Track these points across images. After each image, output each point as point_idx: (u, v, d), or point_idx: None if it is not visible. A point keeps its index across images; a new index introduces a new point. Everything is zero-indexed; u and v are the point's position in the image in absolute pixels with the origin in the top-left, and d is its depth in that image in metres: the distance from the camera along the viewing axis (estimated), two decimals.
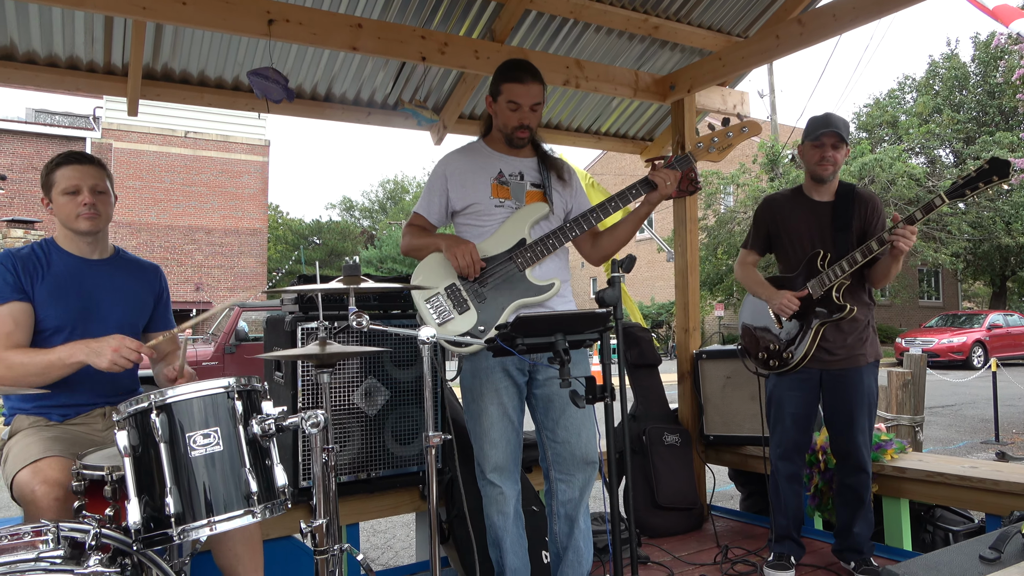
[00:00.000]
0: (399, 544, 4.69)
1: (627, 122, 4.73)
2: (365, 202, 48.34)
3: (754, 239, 3.20)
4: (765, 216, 3.17)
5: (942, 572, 1.85)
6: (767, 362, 3.05)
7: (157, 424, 1.57)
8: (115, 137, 22.02)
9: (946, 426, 8.82)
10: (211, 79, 3.57)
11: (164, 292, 2.54)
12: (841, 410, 2.95)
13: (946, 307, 27.29)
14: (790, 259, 3.08)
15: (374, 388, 3.01)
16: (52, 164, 2.29)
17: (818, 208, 3.03)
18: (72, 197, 2.26)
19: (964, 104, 23.60)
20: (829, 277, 2.89)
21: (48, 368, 2.08)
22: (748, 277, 3.18)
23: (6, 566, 1.27)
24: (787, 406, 3.02)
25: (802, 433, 3.04)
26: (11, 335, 2.14)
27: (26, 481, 1.91)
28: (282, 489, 1.72)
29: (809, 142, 2.98)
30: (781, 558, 3.04)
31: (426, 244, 2.59)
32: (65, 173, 2.26)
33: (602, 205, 2.54)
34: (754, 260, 3.22)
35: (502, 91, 2.55)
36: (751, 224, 3.24)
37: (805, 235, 3.02)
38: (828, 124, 2.92)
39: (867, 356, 2.96)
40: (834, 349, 2.93)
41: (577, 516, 2.57)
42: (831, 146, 2.93)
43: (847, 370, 2.94)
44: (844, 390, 2.94)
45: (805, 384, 2.99)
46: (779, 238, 3.11)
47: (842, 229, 2.95)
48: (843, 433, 2.95)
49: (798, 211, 3.06)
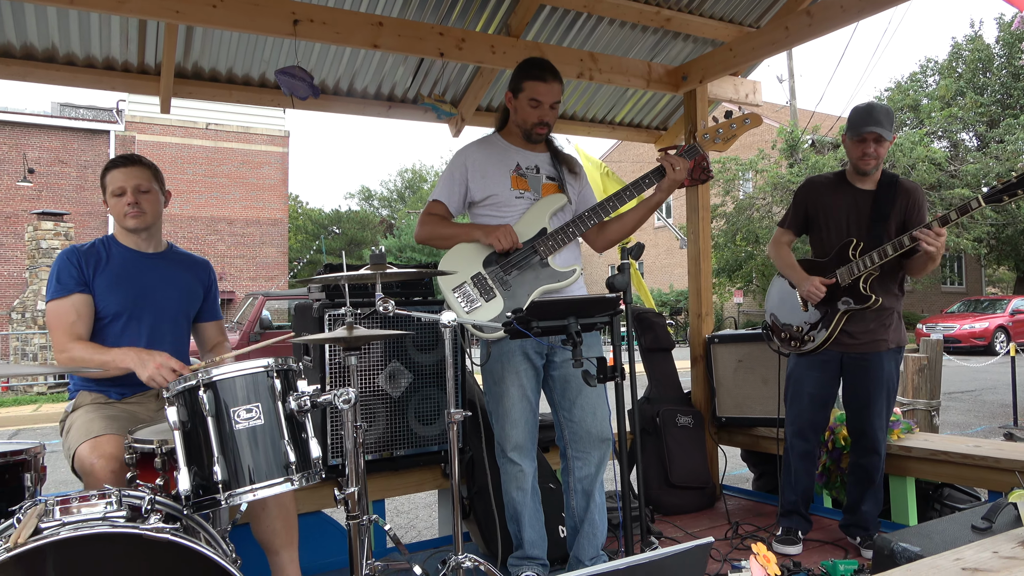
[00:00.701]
0: (421, 524, 4.86)
1: (641, 112, 4.82)
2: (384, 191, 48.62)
3: (792, 219, 3.22)
4: (806, 197, 3.18)
5: (934, 540, 1.96)
6: (789, 342, 3.14)
7: (204, 400, 1.73)
8: (138, 130, 22.37)
9: (965, 411, 8.84)
10: (239, 77, 3.72)
11: (213, 285, 2.74)
12: (859, 393, 3.02)
13: (969, 293, 26.98)
14: (824, 244, 3.10)
15: (398, 371, 3.15)
16: (105, 168, 2.50)
17: (859, 196, 3.04)
18: (120, 198, 2.46)
19: (988, 87, 23.23)
20: (859, 267, 2.93)
21: (102, 366, 2.29)
22: (780, 257, 3.21)
23: (78, 523, 1.43)
24: (806, 386, 3.11)
25: (818, 413, 3.12)
26: (74, 325, 2.35)
27: (86, 455, 2.10)
28: (316, 460, 1.87)
29: (851, 138, 2.98)
30: (789, 532, 3.15)
31: (455, 233, 2.69)
32: (114, 176, 2.47)
33: (618, 195, 2.65)
34: (789, 240, 3.23)
35: (524, 88, 2.66)
36: (790, 203, 3.25)
37: (843, 221, 3.04)
38: (870, 120, 2.89)
39: (889, 342, 2.99)
40: (856, 334, 2.99)
41: (593, 491, 2.71)
42: (873, 141, 2.92)
43: (868, 354, 2.99)
44: (864, 373, 3.00)
45: (826, 365, 3.06)
46: (816, 221, 3.13)
47: (880, 219, 2.96)
48: (860, 415, 3.03)
49: (839, 196, 3.07)
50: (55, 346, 2.37)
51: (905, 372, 5.95)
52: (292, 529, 2.41)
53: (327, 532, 3.14)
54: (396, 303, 2.09)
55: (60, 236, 13.91)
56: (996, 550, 1.75)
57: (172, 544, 1.41)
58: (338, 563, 3.08)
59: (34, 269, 13.73)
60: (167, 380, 2.16)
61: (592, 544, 2.73)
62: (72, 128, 22.18)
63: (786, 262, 3.18)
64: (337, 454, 2.97)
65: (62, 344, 2.34)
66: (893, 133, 2.96)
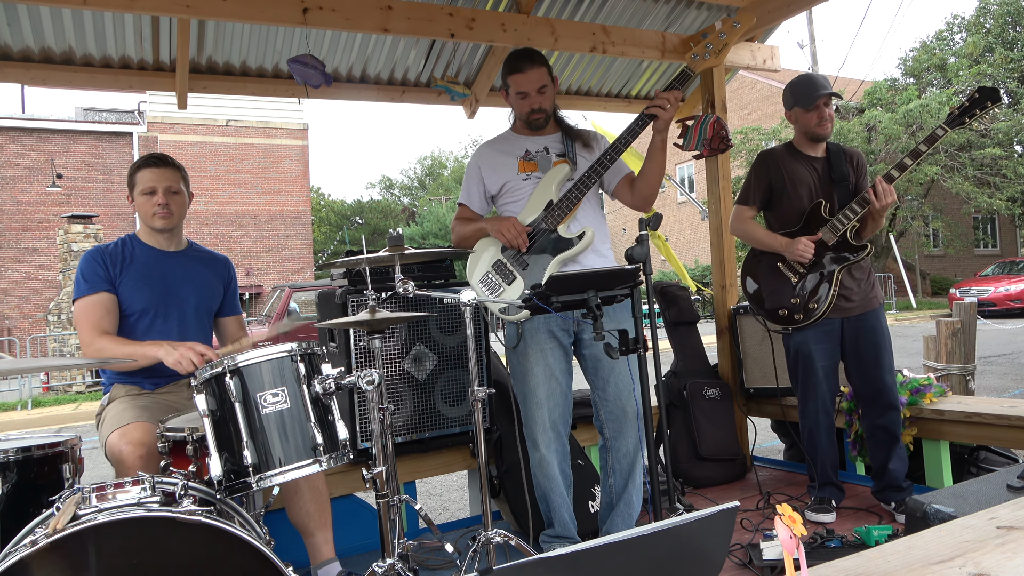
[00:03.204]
0: (454, 506, 4.90)
1: (657, 84, 4.76)
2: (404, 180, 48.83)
3: (755, 193, 3.20)
4: (768, 169, 3.17)
5: (968, 500, 1.93)
6: (791, 317, 3.10)
7: (231, 386, 1.76)
8: (160, 130, 22.66)
9: (1001, 375, 8.67)
10: (252, 69, 3.74)
11: (233, 281, 2.80)
12: (867, 353, 3.03)
13: (1003, 255, 26.36)
14: (790, 212, 3.12)
15: (422, 354, 3.18)
16: (135, 166, 2.54)
17: (814, 162, 3.12)
18: (149, 197, 2.50)
19: (1019, 41, 22.55)
20: (841, 222, 2.98)
21: (130, 357, 2.34)
22: (753, 232, 3.20)
23: (113, 509, 1.47)
24: (818, 359, 3.08)
25: (833, 382, 3.13)
26: (101, 320, 2.41)
27: (115, 442, 2.16)
28: (344, 442, 1.90)
29: (800, 108, 3.05)
30: (822, 502, 3.13)
31: (473, 231, 2.76)
32: (144, 175, 2.51)
33: (613, 146, 2.64)
34: (752, 215, 3.24)
35: (509, 84, 2.70)
36: (750, 179, 3.23)
37: (808, 187, 3.09)
38: (817, 86, 3.02)
39: (878, 299, 3.10)
40: (851, 296, 3.04)
41: (634, 472, 2.70)
42: (824, 105, 3.02)
43: (865, 314, 3.05)
44: (867, 333, 3.04)
45: (830, 335, 3.07)
46: (782, 190, 3.13)
47: (841, 180, 3.06)
48: (871, 375, 3.03)
49: (798, 165, 3.13)
50: (82, 342, 2.43)
51: (938, 337, 5.85)
52: (325, 511, 2.46)
53: (359, 515, 3.19)
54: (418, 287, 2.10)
55: (90, 238, 14.16)
56: None
57: (205, 526, 1.44)
58: (372, 545, 3.12)
59: (66, 272, 14.01)
60: (193, 364, 2.20)
61: (626, 522, 2.73)
62: (96, 132, 22.54)
63: (761, 233, 3.19)
64: (366, 438, 3.01)
65: (89, 339, 2.40)
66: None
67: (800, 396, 3.17)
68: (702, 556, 1.29)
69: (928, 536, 1.63)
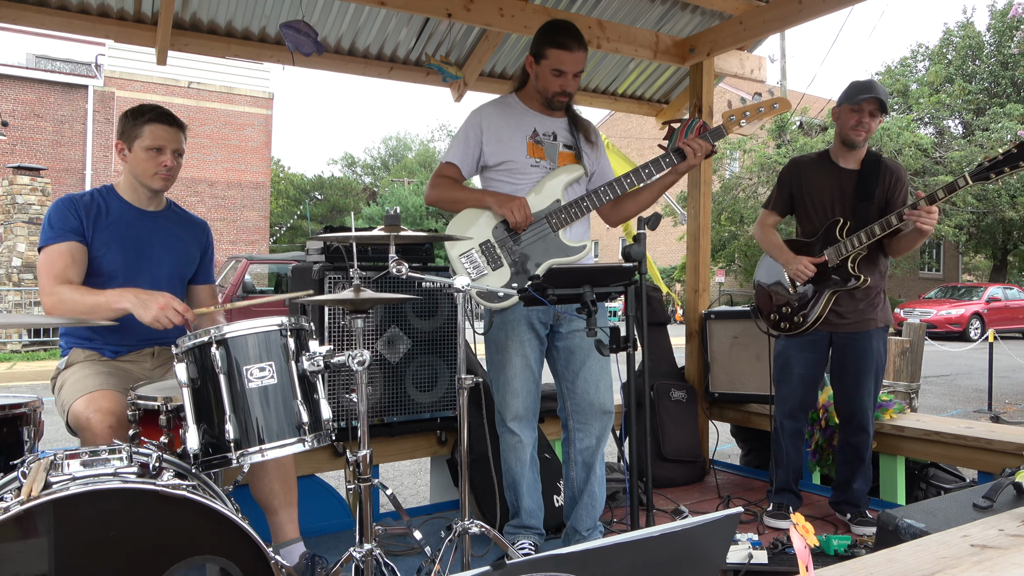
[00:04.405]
0: (407, 491, 4.86)
1: (644, 84, 4.77)
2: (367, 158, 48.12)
3: (776, 200, 3.22)
4: (790, 178, 3.18)
5: (938, 516, 1.98)
6: (778, 324, 3.15)
7: (216, 356, 1.69)
8: (117, 86, 21.82)
9: (940, 395, 9.00)
10: (238, 30, 3.60)
11: (210, 247, 2.65)
12: (849, 372, 3.04)
13: (946, 279, 27.41)
14: (810, 224, 3.11)
15: (396, 337, 3.12)
16: (142, 117, 2.34)
17: (843, 175, 3.05)
18: (155, 155, 2.33)
19: (976, 74, 23.36)
20: (847, 247, 2.93)
21: (95, 308, 2.15)
22: (767, 239, 3.22)
23: (88, 478, 1.40)
24: (795, 367, 3.12)
25: (808, 393, 3.15)
26: (66, 270, 2.23)
27: (81, 410, 2.03)
28: (327, 422, 1.84)
29: (847, 105, 2.96)
30: (780, 508, 3.19)
31: (466, 198, 2.63)
32: (155, 130, 2.33)
33: (636, 172, 2.61)
34: (774, 221, 3.24)
35: (547, 56, 2.57)
36: (775, 185, 3.25)
37: (827, 201, 3.05)
38: (871, 90, 2.91)
39: (877, 321, 3.03)
40: (845, 313, 3.01)
41: (594, 463, 2.71)
42: (869, 112, 2.93)
43: (857, 334, 3.01)
44: (853, 353, 3.02)
45: (814, 346, 3.09)
46: (802, 201, 3.14)
47: (864, 199, 2.97)
48: (849, 394, 3.05)
49: (823, 176, 3.08)
50: (42, 290, 2.22)
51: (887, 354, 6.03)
52: (291, 490, 2.39)
53: (321, 496, 3.12)
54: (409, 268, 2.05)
55: (37, 192, 13.59)
56: (1002, 528, 1.77)
57: (188, 501, 1.37)
58: (332, 527, 3.07)
59: (9, 224, 13.41)
60: (172, 322, 2.08)
61: (590, 515, 2.74)
62: (49, 81, 21.54)
63: (773, 243, 3.18)
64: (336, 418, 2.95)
65: (50, 287, 2.19)
66: (886, 115, 2.98)
67: (775, 399, 3.23)
68: (703, 559, 1.29)
69: (907, 550, 1.66)
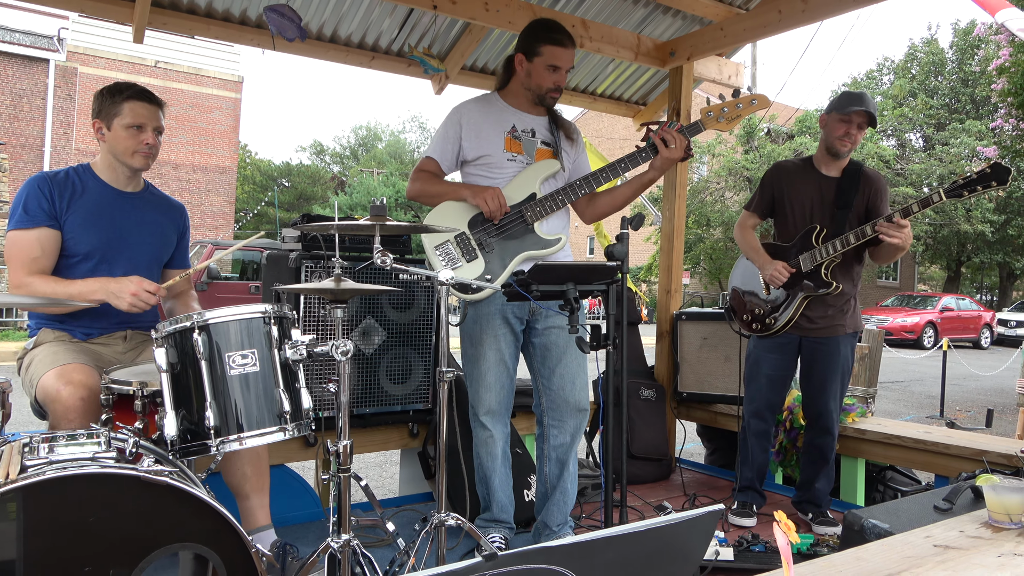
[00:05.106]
0: (373, 484, 4.84)
1: (623, 85, 4.81)
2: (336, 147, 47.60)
3: (758, 202, 3.27)
4: (772, 181, 3.23)
5: (901, 517, 2.05)
6: (750, 324, 3.21)
7: (198, 342, 1.67)
8: (81, 61, 21.20)
9: (895, 400, 9.26)
10: (219, 11, 3.53)
11: (186, 231, 2.61)
12: (816, 376, 3.11)
13: (902, 288, 28.16)
14: (788, 228, 3.17)
15: (372, 328, 3.10)
16: (121, 95, 2.29)
17: (824, 182, 3.10)
18: (135, 132, 2.29)
19: (938, 90, 24.02)
20: (821, 254, 3.00)
21: (67, 299, 2.15)
22: (746, 240, 3.26)
23: (65, 462, 1.37)
24: (764, 367, 3.19)
25: (775, 394, 3.22)
26: (37, 260, 2.19)
27: (51, 383, 1.98)
28: (307, 411, 1.83)
29: (837, 114, 3.00)
30: (744, 506, 3.26)
31: (445, 191, 2.64)
32: (135, 108, 2.29)
33: (612, 166, 2.64)
34: (754, 223, 3.29)
35: (541, 53, 2.60)
36: (757, 187, 3.30)
37: (807, 207, 3.11)
38: (862, 103, 2.95)
39: (846, 327, 3.09)
40: (815, 318, 3.08)
41: (568, 460, 2.73)
42: (857, 124, 2.99)
43: (826, 339, 3.08)
44: (821, 357, 3.09)
45: (784, 348, 3.15)
46: (782, 206, 3.19)
47: (843, 207, 3.03)
48: (816, 397, 3.13)
49: (805, 182, 3.13)
50: (11, 280, 2.20)
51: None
52: (263, 474, 2.37)
53: (290, 485, 3.10)
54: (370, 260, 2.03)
55: None
56: (962, 529, 1.84)
57: (170, 487, 1.36)
58: (300, 517, 3.05)
59: None
60: (148, 304, 2.07)
61: (561, 511, 2.76)
62: (6, 53, 20.83)
63: (751, 245, 3.24)
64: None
65: (19, 278, 2.18)
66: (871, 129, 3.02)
67: (743, 400, 3.29)
68: (684, 553, 1.32)
69: (873, 549, 1.72)
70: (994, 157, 13.25)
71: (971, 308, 20.09)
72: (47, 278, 2.21)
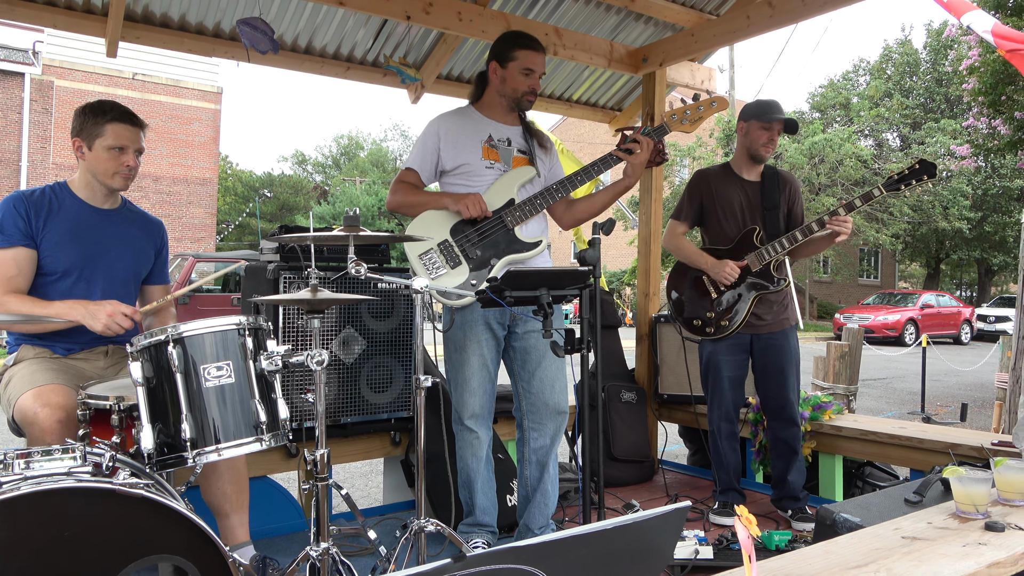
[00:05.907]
0: (358, 493, 4.84)
1: (598, 91, 4.86)
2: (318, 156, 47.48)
3: (687, 210, 3.34)
4: (700, 189, 3.32)
5: (872, 511, 2.09)
6: (703, 329, 3.27)
7: (173, 355, 1.68)
8: (57, 75, 21.00)
9: (877, 397, 9.36)
10: (192, 25, 3.54)
11: (165, 247, 2.62)
12: (773, 370, 3.21)
13: (883, 286, 28.46)
14: (721, 233, 3.27)
15: (351, 338, 3.12)
16: (104, 116, 2.30)
17: (748, 186, 3.25)
18: (116, 154, 2.31)
19: (913, 90, 24.37)
20: (769, 252, 3.13)
21: (43, 320, 2.16)
22: (683, 247, 3.34)
23: (40, 477, 1.38)
24: (724, 370, 3.25)
25: (738, 394, 3.30)
26: (12, 279, 2.20)
27: (29, 404, 1.99)
28: (284, 421, 1.84)
29: (758, 122, 3.16)
30: (725, 506, 3.30)
31: (425, 201, 2.69)
32: (117, 130, 2.30)
33: (585, 169, 2.70)
34: (684, 231, 3.38)
35: (516, 57, 2.68)
36: (684, 195, 3.37)
37: (738, 211, 3.23)
38: (781, 111, 3.16)
39: (790, 320, 3.28)
40: (763, 315, 3.20)
41: (547, 462, 2.76)
42: (777, 131, 3.16)
43: (775, 333, 3.22)
44: (774, 352, 3.21)
45: (738, 348, 3.25)
46: (712, 211, 3.29)
47: (771, 208, 3.20)
48: (777, 391, 3.22)
49: (730, 187, 3.27)
50: None
51: (827, 358, 6.27)
52: (243, 493, 2.37)
53: (273, 498, 3.10)
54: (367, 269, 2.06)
55: None
56: (930, 521, 1.88)
57: (145, 500, 1.37)
58: (283, 528, 3.05)
59: None
60: (123, 328, 2.09)
61: (543, 514, 2.79)
62: None
63: (690, 250, 3.32)
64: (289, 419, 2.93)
65: None
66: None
67: (708, 404, 3.34)
68: (654, 550, 1.35)
69: (843, 543, 1.76)
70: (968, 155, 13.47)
71: (951, 304, 20.34)
72: (24, 297, 2.22)
